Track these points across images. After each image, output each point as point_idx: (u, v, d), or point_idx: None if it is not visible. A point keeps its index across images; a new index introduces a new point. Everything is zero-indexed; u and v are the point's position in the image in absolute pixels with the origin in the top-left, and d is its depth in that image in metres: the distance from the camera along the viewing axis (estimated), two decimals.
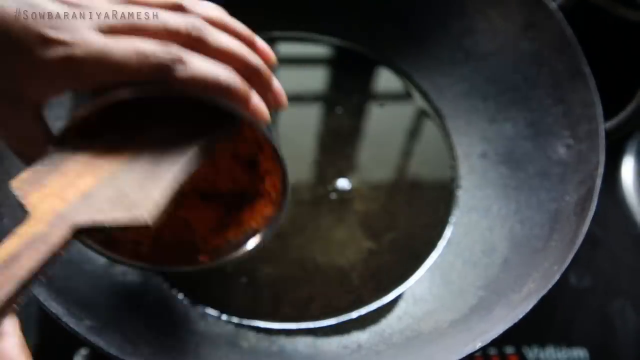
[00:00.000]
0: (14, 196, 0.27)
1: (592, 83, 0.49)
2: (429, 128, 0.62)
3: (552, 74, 0.53)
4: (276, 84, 0.35)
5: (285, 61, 0.65)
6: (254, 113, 0.32)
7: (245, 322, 0.49)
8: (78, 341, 0.37)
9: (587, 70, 0.50)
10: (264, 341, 0.48)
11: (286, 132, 0.60)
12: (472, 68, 0.60)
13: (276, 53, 0.38)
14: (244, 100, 0.31)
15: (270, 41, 0.64)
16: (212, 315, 0.48)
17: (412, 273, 0.53)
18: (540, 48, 0.54)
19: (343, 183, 0.57)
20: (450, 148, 0.60)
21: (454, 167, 0.59)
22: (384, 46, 0.64)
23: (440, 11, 0.61)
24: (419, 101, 0.63)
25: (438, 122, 0.61)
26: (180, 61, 0.29)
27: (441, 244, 0.55)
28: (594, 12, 0.64)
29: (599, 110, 0.48)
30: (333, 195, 0.56)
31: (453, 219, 0.56)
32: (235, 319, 0.49)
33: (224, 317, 0.49)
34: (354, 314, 0.50)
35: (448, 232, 0.55)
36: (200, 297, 0.49)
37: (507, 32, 0.57)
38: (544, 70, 0.54)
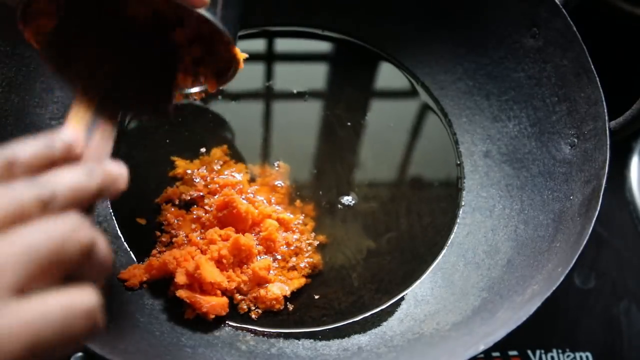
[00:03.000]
0: None
1: (597, 81, 0.48)
2: (431, 126, 0.61)
3: (556, 71, 0.53)
4: None
5: (287, 57, 0.64)
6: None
7: (244, 325, 0.48)
8: None
9: (592, 67, 0.49)
10: (262, 344, 0.47)
11: (288, 128, 0.59)
12: (475, 65, 0.59)
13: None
14: None
15: (272, 37, 0.64)
16: (211, 317, 0.47)
17: (413, 274, 0.52)
18: (544, 45, 0.53)
19: (345, 181, 0.56)
20: (453, 147, 0.59)
21: (456, 167, 0.58)
22: (386, 42, 0.63)
23: (441, 7, 0.60)
24: (421, 98, 0.62)
25: (441, 121, 0.61)
26: None
27: (444, 245, 0.54)
28: (599, 8, 0.63)
29: (605, 108, 0.47)
30: (333, 195, 0.55)
31: (456, 219, 0.55)
32: (234, 322, 0.48)
33: (223, 319, 0.48)
34: (354, 316, 0.50)
35: (451, 233, 0.55)
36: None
37: (510, 29, 0.56)
38: (548, 67, 0.53)
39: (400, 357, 0.45)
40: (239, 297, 0.49)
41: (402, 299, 0.51)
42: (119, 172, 0.31)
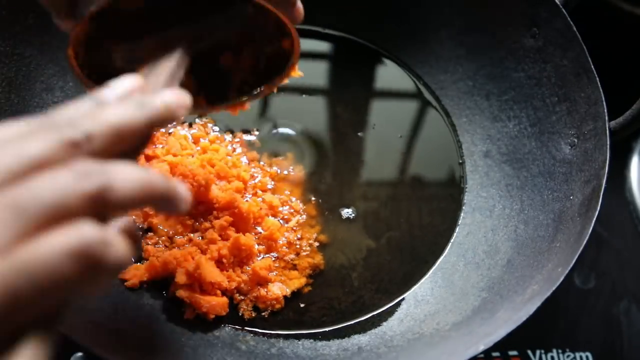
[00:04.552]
0: None
1: (597, 81, 0.48)
2: (433, 125, 0.61)
3: (556, 71, 0.53)
4: None
5: None
6: None
7: (244, 325, 0.48)
8: (73, 344, 0.37)
9: (592, 67, 0.49)
10: (263, 344, 0.47)
11: (287, 126, 0.59)
12: (475, 65, 0.59)
13: None
14: None
15: None
16: (211, 317, 0.47)
17: (413, 274, 0.52)
18: (544, 45, 0.53)
19: (345, 181, 0.56)
20: (455, 146, 0.59)
21: (457, 167, 0.58)
22: (386, 43, 0.63)
23: (442, 7, 0.60)
24: (421, 98, 0.62)
25: (443, 120, 0.61)
26: None
27: (444, 245, 0.54)
28: (599, 8, 0.63)
29: (604, 108, 0.47)
30: (334, 194, 0.55)
31: (456, 219, 0.55)
32: (234, 322, 0.48)
33: (223, 319, 0.48)
34: (354, 316, 0.50)
35: (451, 233, 0.55)
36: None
37: (510, 29, 0.56)
38: (548, 67, 0.53)
39: (400, 357, 0.45)
40: (239, 297, 0.49)
41: (402, 299, 0.51)
42: (176, 98, 0.26)
